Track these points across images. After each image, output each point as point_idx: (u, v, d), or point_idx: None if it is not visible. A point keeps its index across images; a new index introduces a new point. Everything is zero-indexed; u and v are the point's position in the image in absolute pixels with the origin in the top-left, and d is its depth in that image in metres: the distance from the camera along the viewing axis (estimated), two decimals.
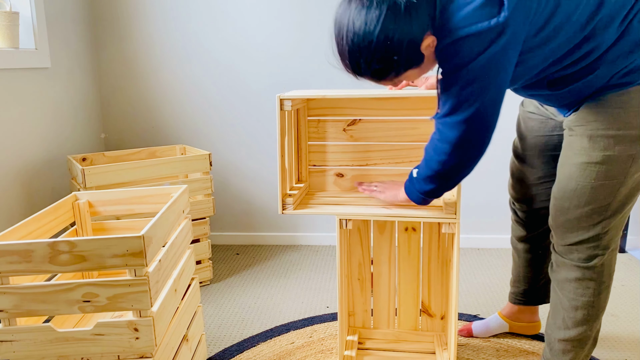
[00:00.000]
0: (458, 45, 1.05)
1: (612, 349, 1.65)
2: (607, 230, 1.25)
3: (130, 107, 2.58)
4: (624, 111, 1.17)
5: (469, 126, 1.12)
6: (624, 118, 1.17)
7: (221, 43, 2.47)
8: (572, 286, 1.30)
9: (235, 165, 2.60)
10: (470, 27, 1.02)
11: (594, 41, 1.12)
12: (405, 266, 1.60)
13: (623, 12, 1.11)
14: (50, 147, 2.16)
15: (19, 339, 1.11)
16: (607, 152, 1.19)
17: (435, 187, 1.23)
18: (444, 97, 1.13)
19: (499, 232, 2.54)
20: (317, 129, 1.58)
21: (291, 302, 2.03)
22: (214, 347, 1.72)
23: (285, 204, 1.38)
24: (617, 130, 1.17)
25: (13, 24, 1.94)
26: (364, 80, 1.18)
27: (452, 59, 1.08)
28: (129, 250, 1.06)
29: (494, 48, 1.04)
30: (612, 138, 1.18)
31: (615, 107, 1.17)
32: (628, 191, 1.22)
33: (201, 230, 2.13)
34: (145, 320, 1.10)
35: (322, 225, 2.65)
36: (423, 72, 1.17)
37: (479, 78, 1.07)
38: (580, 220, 1.25)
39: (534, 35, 1.09)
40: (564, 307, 1.33)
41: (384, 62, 1.08)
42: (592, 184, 1.21)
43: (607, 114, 1.18)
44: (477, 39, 1.03)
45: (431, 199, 1.28)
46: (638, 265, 2.29)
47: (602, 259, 1.27)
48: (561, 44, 1.12)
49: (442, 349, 1.56)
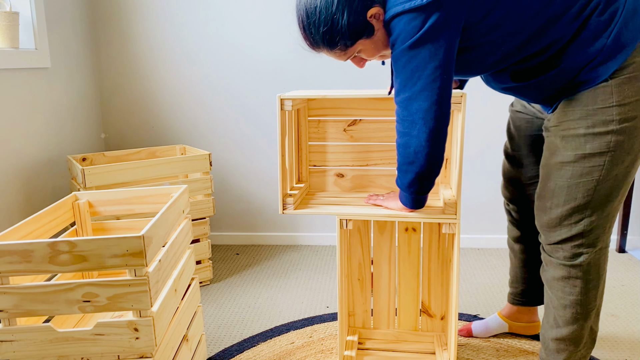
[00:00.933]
0: (401, 18, 1.11)
1: (612, 349, 1.65)
2: (592, 229, 1.25)
3: (130, 107, 2.58)
4: (592, 109, 1.18)
5: (420, 101, 1.14)
6: (593, 116, 1.18)
7: (221, 43, 2.47)
8: (559, 285, 1.31)
9: (235, 165, 2.60)
10: (405, 3, 1.09)
11: (551, 34, 1.14)
12: (405, 266, 1.60)
13: (576, 6, 1.13)
14: (50, 147, 2.16)
15: (19, 339, 1.11)
16: (579, 151, 1.20)
17: (413, 177, 1.22)
18: (395, 75, 1.18)
19: (499, 232, 2.54)
20: (317, 129, 1.58)
21: (291, 302, 2.03)
22: (214, 347, 1.72)
23: (286, 204, 1.38)
24: (587, 129, 1.19)
25: (13, 24, 1.94)
26: (321, 52, 1.22)
27: (397, 32, 1.13)
28: (129, 250, 1.06)
29: (430, 25, 1.08)
30: (583, 137, 1.19)
31: (584, 105, 1.19)
32: (608, 189, 1.23)
33: (201, 230, 2.13)
34: (145, 320, 1.10)
35: (322, 225, 2.65)
36: (378, 48, 1.20)
37: (423, 52, 1.11)
38: (561, 219, 1.26)
39: (478, 22, 1.13)
40: (554, 305, 1.34)
41: (329, 25, 1.13)
42: (568, 182, 1.23)
43: (577, 113, 1.20)
44: (417, 12, 1.09)
45: (421, 196, 1.27)
46: (638, 265, 2.29)
47: (588, 257, 1.27)
48: (512, 32, 1.15)
49: (442, 349, 1.56)
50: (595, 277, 1.29)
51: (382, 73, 2.41)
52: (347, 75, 2.43)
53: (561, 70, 1.18)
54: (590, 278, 1.29)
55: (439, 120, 1.15)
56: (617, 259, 2.37)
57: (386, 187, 1.58)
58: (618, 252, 2.44)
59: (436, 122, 1.15)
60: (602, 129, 1.17)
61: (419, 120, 1.15)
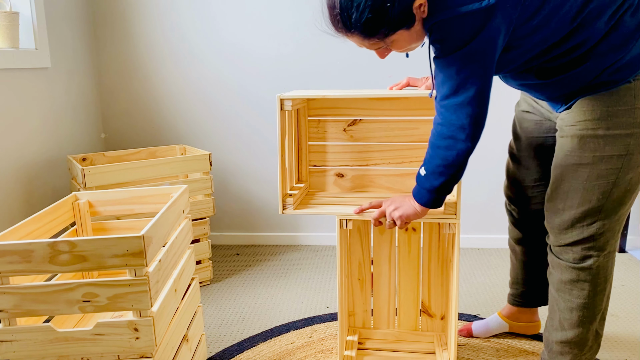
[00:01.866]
0: (455, 22, 1.06)
1: (612, 349, 1.65)
2: (603, 232, 1.24)
3: (130, 107, 2.58)
4: (613, 110, 1.16)
5: (472, 107, 1.11)
6: (614, 117, 1.16)
7: (221, 43, 2.47)
8: (567, 287, 1.30)
9: (235, 165, 2.60)
10: (466, 5, 1.04)
11: (583, 33, 1.13)
12: (405, 266, 1.60)
13: (613, 6, 1.11)
14: (50, 147, 2.16)
15: (19, 339, 1.11)
16: (597, 152, 1.19)
17: (446, 179, 1.19)
18: (442, 78, 1.13)
19: (499, 232, 2.54)
20: (317, 129, 1.58)
21: (291, 302, 2.03)
22: (214, 347, 1.72)
23: (286, 204, 1.38)
24: (607, 130, 1.17)
25: (13, 24, 1.94)
26: (348, 38, 1.16)
27: (450, 36, 1.09)
28: (129, 250, 1.06)
29: (489, 27, 1.05)
30: (602, 138, 1.18)
31: (604, 106, 1.17)
32: (622, 193, 1.22)
33: (201, 230, 2.13)
34: (145, 320, 1.10)
35: (322, 225, 2.65)
36: (412, 41, 1.16)
37: (478, 57, 1.08)
38: (573, 221, 1.25)
39: (525, 22, 1.10)
40: (560, 308, 1.33)
41: (376, 12, 1.06)
42: (584, 185, 1.21)
43: (597, 113, 1.17)
44: (473, 17, 1.05)
45: (443, 196, 1.23)
46: (638, 265, 2.29)
47: (597, 261, 1.26)
48: (551, 33, 1.13)
49: (442, 349, 1.56)
50: (603, 281, 1.28)
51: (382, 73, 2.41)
52: (346, 75, 2.43)
53: (586, 69, 1.16)
54: (599, 281, 1.28)
55: (483, 127, 1.15)
56: (617, 259, 2.37)
57: (386, 187, 1.58)
58: (618, 252, 2.44)
59: (482, 128, 1.15)
60: (622, 131, 1.16)
61: (470, 126, 1.13)
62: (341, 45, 2.42)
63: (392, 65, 2.41)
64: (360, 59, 2.40)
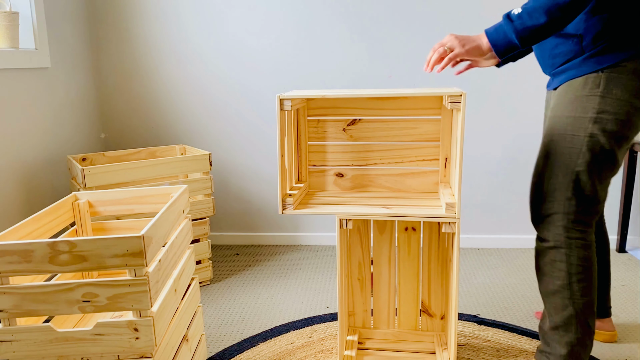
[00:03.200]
0: None
1: (612, 349, 1.65)
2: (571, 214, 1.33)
3: (130, 107, 2.58)
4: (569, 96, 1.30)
5: None
6: (579, 103, 1.28)
7: (221, 43, 2.47)
8: (547, 269, 1.38)
9: (235, 165, 2.60)
10: None
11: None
12: (405, 266, 1.60)
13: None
14: (50, 147, 2.16)
15: (19, 339, 1.11)
16: (562, 132, 1.31)
17: (546, 21, 1.20)
18: None
19: (499, 232, 2.54)
20: (317, 129, 1.58)
21: (291, 302, 2.03)
22: (214, 347, 1.72)
23: (285, 204, 1.38)
24: (571, 113, 1.30)
25: (13, 24, 1.94)
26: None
27: None
28: (129, 250, 1.06)
29: None
30: (568, 119, 1.31)
31: (573, 92, 1.30)
32: (586, 177, 1.30)
33: (201, 230, 2.13)
34: (145, 320, 1.10)
35: (322, 225, 2.65)
36: None
37: None
38: (542, 199, 1.36)
39: None
40: (544, 293, 1.41)
41: None
42: (551, 164, 1.34)
43: (567, 98, 1.31)
44: None
45: (525, 45, 1.24)
46: (638, 265, 2.29)
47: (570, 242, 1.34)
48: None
49: (442, 349, 1.56)
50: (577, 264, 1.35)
51: (383, 73, 2.41)
52: (346, 75, 2.43)
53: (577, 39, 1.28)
54: (571, 263, 1.35)
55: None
56: (617, 259, 2.37)
57: (386, 187, 1.58)
58: (618, 252, 2.44)
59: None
60: (583, 116, 1.28)
61: None
62: (341, 46, 2.42)
63: (392, 65, 2.42)
64: (360, 59, 2.40)
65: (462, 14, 2.33)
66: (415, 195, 1.52)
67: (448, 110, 1.48)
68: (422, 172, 1.55)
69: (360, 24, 2.39)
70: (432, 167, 1.54)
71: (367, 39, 2.39)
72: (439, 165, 1.53)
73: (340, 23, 2.39)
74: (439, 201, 1.42)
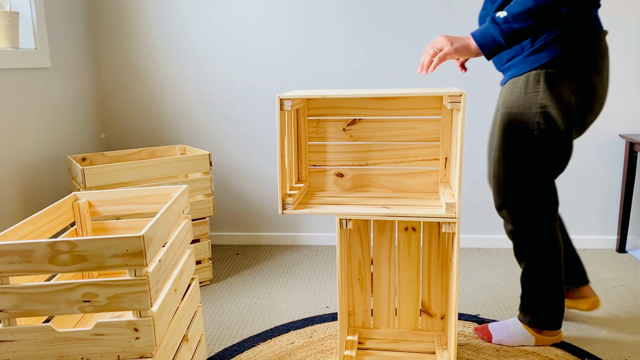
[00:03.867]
0: None
1: (612, 349, 1.65)
2: (518, 201, 1.50)
3: (130, 106, 2.58)
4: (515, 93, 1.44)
5: None
6: (524, 100, 1.43)
7: (221, 43, 2.47)
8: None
9: (235, 165, 2.60)
10: None
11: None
12: (405, 266, 1.60)
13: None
14: (50, 147, 2.16)
15: (19, 339, 1.11)
16: (502, 127, 1.47)
17: (531, 24, 1.28)
18: None
19: (499, 232, 2.54)
20: (317, 128, 1.58)
21: (291, 302, 2.03)
22: (214, 347, 1.72)
23: (286, 204, 1.38)
24: (519, 109, 1.44)
25: (13, 24, 1.94)
26: None
27: None
28: (129, 250, 1.06)
29: None
30: (517, 115, 1.45)
31: (518, 89, 1.44)
32: (527, 167, 1.46)
33: (201, 230, 2.13)
34: (145, 320, 1.10)
35: (322, 225, 2.65)
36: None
37: None
38: (495, 188, 1.54)
39: None
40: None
41: None
42: (497, 156, 1.51)
43: (513, 95, 1.45)
44: None
45: (511, 45, 1.33)
46: (638, 265, 2.29)
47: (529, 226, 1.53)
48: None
49: (442, 348, 1.56)
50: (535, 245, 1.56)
51: (383, 73, 2.41)
52: (346, 75, 2.43)
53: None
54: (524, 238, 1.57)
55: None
56: (617, 259, 2.37)
57: (386, 187, 1.58)
58: (618, 252, 2.44)
59: None
60: (514, 111, 1.45)
61: None
62: (341, 46, 2.42)
63: (392, 65, 2.41)
64: (360, 58, 2.40)
65: (462, 14, 2.33)
66: (415, 195, 1.52)
67: (448, 110, 1.48)
68: (422, 172, 1.55)
69: (361, 24, 2.39)
70: (432, 167, 1.54)
71: (367, 39, 2.39)
72: (439, 165, 1.53)
73: (341, 23, 2.39)
74: (439, 201, 1.42)
